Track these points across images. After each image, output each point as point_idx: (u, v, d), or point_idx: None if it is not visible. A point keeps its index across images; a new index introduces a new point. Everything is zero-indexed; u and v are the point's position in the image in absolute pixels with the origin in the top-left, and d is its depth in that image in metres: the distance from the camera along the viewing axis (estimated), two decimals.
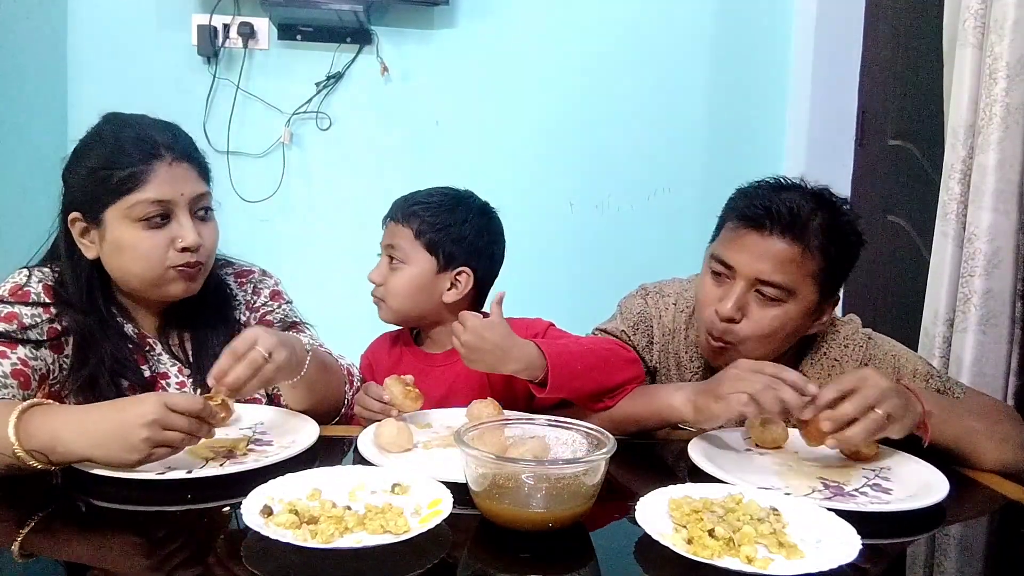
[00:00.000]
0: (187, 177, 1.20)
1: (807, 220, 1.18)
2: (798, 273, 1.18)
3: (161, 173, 1.16)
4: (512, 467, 0.85)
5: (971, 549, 0.94)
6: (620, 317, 1.41)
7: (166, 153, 1.18)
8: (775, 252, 1.17)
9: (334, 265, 2.47)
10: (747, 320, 1.20)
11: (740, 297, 1.19)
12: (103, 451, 0.93)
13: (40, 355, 1.15)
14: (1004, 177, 1.51)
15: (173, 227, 1.18)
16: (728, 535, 0.80)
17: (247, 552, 0.79)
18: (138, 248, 1.17)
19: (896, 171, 2.27)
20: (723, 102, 2.60)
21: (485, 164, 2.54)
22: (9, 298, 1.17)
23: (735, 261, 1.20)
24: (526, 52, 2.55)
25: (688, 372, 1.36)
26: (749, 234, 1.19)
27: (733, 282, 1.21)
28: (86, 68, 2.48)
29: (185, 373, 1.28)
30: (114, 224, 1.17)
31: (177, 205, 1.18)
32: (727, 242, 1.23)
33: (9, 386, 1.09)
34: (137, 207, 1.15)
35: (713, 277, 1.24)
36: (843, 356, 1.28)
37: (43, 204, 2.44)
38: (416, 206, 1.38)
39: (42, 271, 1.23)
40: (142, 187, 1.15)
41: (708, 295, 1.24)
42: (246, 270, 1.40)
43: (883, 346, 1.30)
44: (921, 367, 1.26)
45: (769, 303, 1.19)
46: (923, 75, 2.01)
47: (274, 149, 2.53)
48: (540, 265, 2.40)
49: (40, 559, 0.83)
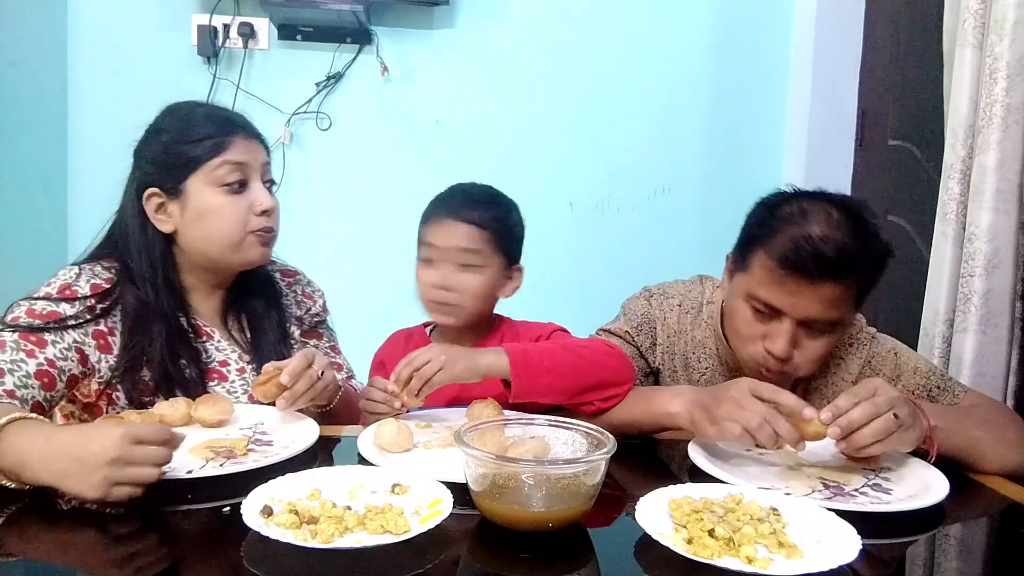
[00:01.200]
0: (259, 149, 1.31)
1: (854, 259, 1.13)
2: (845, 304, 1.17)
3: (239, 142, 1.27)
4: (512, 467, 0.85)
5: (971, 549, 0.94)
6: (624, 318, 1.41)
7: (239, 128, 1.29)
8: (826, 295, 1.14)
9: (334, 265, 2.47)
10: (799, 352, 1.19)
11: (791, 336, 1.17)
12: (65, 483, 0.87)
13: (72, 356, 1.15)
14: (1004, 177, 1.51)
15: (250, 194, 1.28)
16: (728, 535, 0.80)
17: (247, 552, 0.79)
18: (223, 212, 1.25)
19: (896, 171, 2.27)
20: (723, 102, 2.60)
21: (485, 164, 2.54)
22: (56, 295, 1.19)
23: (783, 305, 1.16)
24: (526, 52, 2.56)
25: (696, 373, 1.37)
26: (797, 281, 1.14)
27: (780, 321, 1.18)
28: (86, 68, 2.48)
29: (245, 359, 1.33)
30: (197, 192, 1.25)
31: (253, 170, 1.28)
32: (771, 286, 1.16)
33: (31, 387, 1.09)
34: (221, 169, 1.24)
35: (756, 314, 1.20)
36: (847, 355, 1.30)
37: (43, 204, 2.46)
38: (481, 207, 1.36)
39: (93, 268, 1.25)
40: (225, 151, 1.25)
41: (752, 330, 1.21)
42: (291, 270, 1.50)
43: (885, 344, 1.31)
44: (922, 365, 1.28)
45: (819, 334, 1.18)
46: (923, 75, 2.01)
47: (274, 149, 2.50)
48: (540, 265, 2.38)
49: (31, 562, 0.83)
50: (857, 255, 1.13)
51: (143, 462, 0.87)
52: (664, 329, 1.38)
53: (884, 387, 1.03)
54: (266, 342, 1.35)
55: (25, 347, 1.11)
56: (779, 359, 1.18)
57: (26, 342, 1.11)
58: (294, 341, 1.41)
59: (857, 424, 0.99)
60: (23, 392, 1.08)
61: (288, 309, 1.43)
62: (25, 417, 0.94)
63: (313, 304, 1.48)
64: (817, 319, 1.16)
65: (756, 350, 1.21)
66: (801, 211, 1.17)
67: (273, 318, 1.38)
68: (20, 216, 2.26)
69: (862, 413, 0.99)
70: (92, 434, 0.90)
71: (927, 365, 1.29)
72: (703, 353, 1.36)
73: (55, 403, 1.15)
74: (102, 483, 0.86)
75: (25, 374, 1.09)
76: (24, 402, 1.07)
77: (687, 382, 1.35)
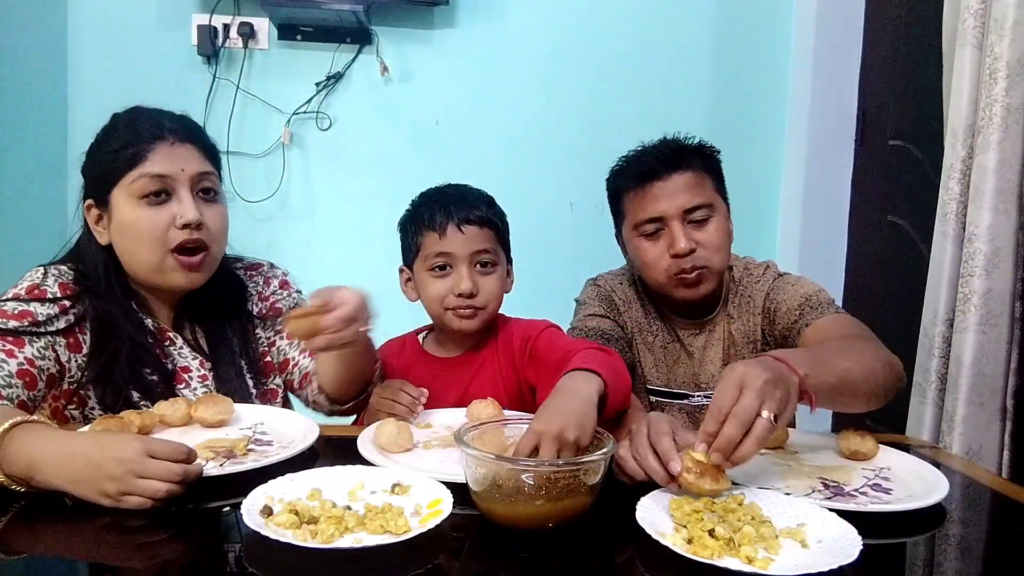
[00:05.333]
0: (189, 156, 1.21)
1: (683, 151, 1.40)
2: (707, 190, 1.39)
3: (162, 150, 1.19)
4: (512, 467, 0.85)
5: (971, 549, 0.94)
6: (586, 306, 1.51)
7: (169, 135, 1.21)
8: (683, 183, 1.37)
9: (335, 265, 2.48)
10: (700, 246, 1.36)
11: (682, 232, 1.36)
12: (76, 488, 0.88)
13: (49, 354, 1.15)
14: (1004, 177, 1.51)
15: (174, 205, 1.19)
16: (728, 535, 0.80)
17: (247, 552, 0.79)
18: (139, 226, 1.18)
19: (896, 171, 2.27)
20: (723, 102, 2.60)
21: (485, 164, 2.54)
22: (25, 296, 1.18)
23: (659, 211, 1.37)
24: (526, 52, 2.55)
25: (650, 335, 1.51)
26: (655, 186, 1.37)
27: (667, 228, 1.37)
28: (86, 68, 2.48)
29: (207, 367, 1.29)
30: (119, 204, 1.19)
31: (178, 181, 1.20)
32: (642, 204, 1.39)
33: (15, 386, 1.09)
34: (138, 182, 1.18)
35: (647, 240, 1.39)
36: (754, 292, 1.45)
37: (43, 204, 2.46)
38: (483, 205, 1.35)
39: (59, 268, 1.24)
40: (142, 163, 1.18)
41: (654, 252, 1.39)
42: (256, 264, 1.43)
43: (788, 279, 1.44)
44: (808, 289, 1.39)
45: (705, 224, 1.38)
46: (923, 75, 2.01)
47: (274, 149, 2.53)
48: (540, 265, 2.39)
49: (35, 558, 0.83)
50: (682, 147, 1.42)
51: (155, 476, 0.87)
52: (621, 299, 1.52)
53: (746, 377, 0.93)
54: (226, 350, 1.30)
55: (4, 347, 1.11)
56: (684, 254, 1.35)
57: (4, 343, 1.11)
58: (261, 340, 1.37)
59: (735, 439, 0.90)
60: (8, 392, 1.08)
61: (250, 303, 1.37)
62: (27, 420, 0.94)
63: (268, 288, 1.40)
64: (691, 207, 1.36)
65: (667, 264, 1.38)
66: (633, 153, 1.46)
67: (234, 321, 1.32)
68: (20, 216, 2.26)
69: (735, 429, 0.90)
70: (106, 442, 0.90)
71: (813, 290, 1.39)
72: (653, 315, 1.51)
73: (39, 403, 1.15)
74: (114, 491, 0.86)
75: (8, 374, 1.09)
76: (11, 401, 1.07)
77: (644, 346, 1.50)
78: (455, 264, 1.32)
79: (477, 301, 1.32)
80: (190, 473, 0.89)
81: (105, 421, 1.04)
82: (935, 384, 1.65)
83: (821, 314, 1.34)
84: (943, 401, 1.62)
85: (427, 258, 1.33)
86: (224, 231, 1.28)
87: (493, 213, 1.36)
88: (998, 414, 1.56)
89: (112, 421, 1.04)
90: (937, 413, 1.65)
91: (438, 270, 1.33)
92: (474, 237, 1.31)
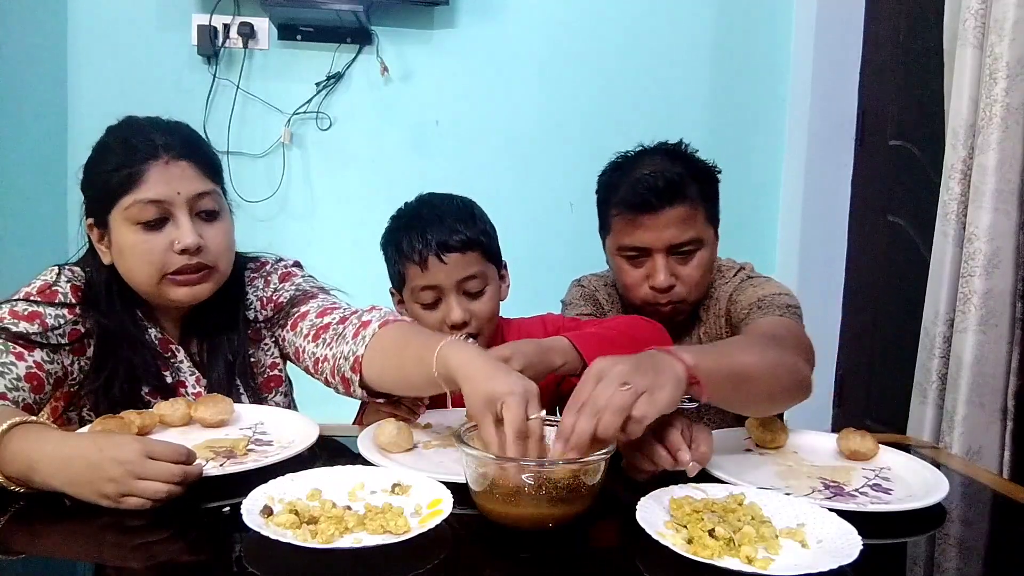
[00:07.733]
0: (185, 176, 1.16)
1: (682, 182, 1.33)
2: (697, 224, 1.35)
3: (156, 173, 1.14)
4: (512, 467, 0.85)
5: (971, 549, 0.93)
6: (572, 306, 1.51)
7: (162, 153, 1.15)
8: (674, 219, 1.33)
9: (335, 265, 2.47)
10: (680, 281, 1.36)
11: (664, 266, 1.34)
12: (75, 489, 0.87)
13: (57, 358, 1.14)
14: (1004, 177, 1.51)
15: (171, 229, 1.15)
16: (728, 535, 0.80)
17: (247, 552, 0.79)
18: (136, 251, 1.15)
19: (896, 171, 2.27)
20: (723, 102, 2.60)
21: (485, 164, 2.54)
22: (36, 296, 1.16)
23: (645, 242, 1.35)
24: (526, 52, 2.56)
25: None
26: (645, 217, 1.33)
27: (651, 258, 1.35)
28: (86, 68, 2.49)
29: (203, 383, 1.27)
30: (116, 228, 1.16)
31: (174, 205, 1.15)
32: (628, 230, 1.36)
33: (21, 389, 1.09)
34: (133, 208, 1.13)
35: (629, 263, 1.38)
36: (720, 294, 1.44)
37: (43, 205, 2.46)
38: (461, 225, 1.28)
39: (72, 270, 1.22)
40: (136, 188, 1.13)
41: (633, 278, 1.38)
42: (261, 262, 1.37)
43: (753, 280, 1.41)
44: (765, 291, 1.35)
45: (689, 258, 1.36)
46: (923, 75, 2.01)
47: (274, 149, 2.53)
48: (540, 265, 2.39)
49: (35, 558, 0.83)
50: (682, 177, 1.34)
51: (154, 477, 0.86)
52: (604, 298, 1.52)
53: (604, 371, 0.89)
54: (223, 369, 1.26)
55: (14, 350, 1.10)
56: (662, 290, 1.35)
57: (14, 345, 1.11)
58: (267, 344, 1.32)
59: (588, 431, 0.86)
60: (14, 395, 1.07)
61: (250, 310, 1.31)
62: (26, 421, 0.93)
63: (268, 288, 1.33)
64: (678, 243, 1.34)
65: (644, 292, 1.37)
66: (629, 162, 1.41)
67: (230, 333, 1.27)
68: (20, 216, 2.26)
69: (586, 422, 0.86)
70: (105, 444, 0.89)
71: (772, 292, 1.34)
72: None
73: (43, 406, 1.15)
74: (113, 493, 0.85)
75: (16, 377, 1.08)
76: (16, 404, 1.07)
77: None
78: (443, 295, 1.29)
79: (471, 328, 1.30)
80: (190, 474, 0.89)
81: (105, 421, 1.04)
82: (935, 384, 1.65)
83: (765, 315, 1.30)
84: (943, 401, 1.62)
85: (413, 291, 1.31)
86: (229, 247, 1.24)
87: (474, 230, 1.30)
88: (998, 414, 1.56)
89: (112, 421, 1.04)
90: (937, 413, 1.65)
91: (427, 302, 1.30)
92: (457, 264, 1.27)
